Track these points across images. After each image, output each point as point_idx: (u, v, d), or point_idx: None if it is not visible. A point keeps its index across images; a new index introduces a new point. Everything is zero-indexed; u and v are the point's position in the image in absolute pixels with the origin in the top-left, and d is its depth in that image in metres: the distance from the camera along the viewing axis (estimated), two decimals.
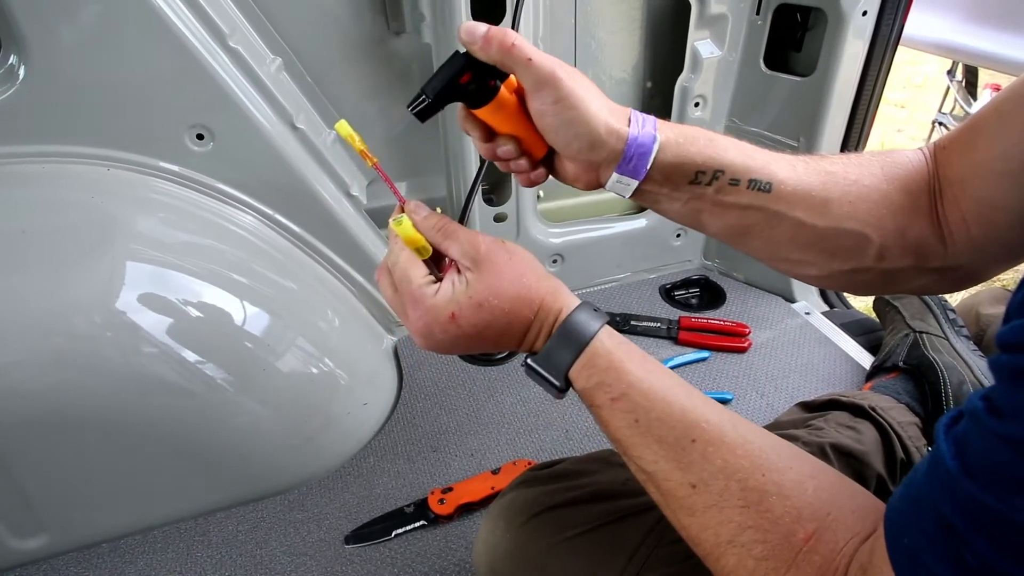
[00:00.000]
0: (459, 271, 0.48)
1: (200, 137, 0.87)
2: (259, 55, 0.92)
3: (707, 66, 1.13)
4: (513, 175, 0.55)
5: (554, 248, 1.24)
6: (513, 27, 0.58)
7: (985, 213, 0.47)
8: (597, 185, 0.53)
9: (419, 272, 0.49)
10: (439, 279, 0.49)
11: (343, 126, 0.50)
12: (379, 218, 1.15)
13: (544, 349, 0.47)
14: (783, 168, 0.50)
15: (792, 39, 1.13)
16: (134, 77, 0.81)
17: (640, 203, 0.54)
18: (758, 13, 1.10)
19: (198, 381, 0.81)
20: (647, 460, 0.44)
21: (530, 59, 0.45)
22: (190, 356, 0.80)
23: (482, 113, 0.50)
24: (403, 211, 0.51)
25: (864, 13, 1.01)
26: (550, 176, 0.55)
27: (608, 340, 0.46)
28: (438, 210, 0.52)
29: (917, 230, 0.50)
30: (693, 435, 0.42)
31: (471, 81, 0.47)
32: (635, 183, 0.49)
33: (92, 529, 0.86)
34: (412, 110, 0.49)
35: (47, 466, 0.78)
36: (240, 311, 0.85)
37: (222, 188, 0.92)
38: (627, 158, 0.48)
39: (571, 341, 0.46)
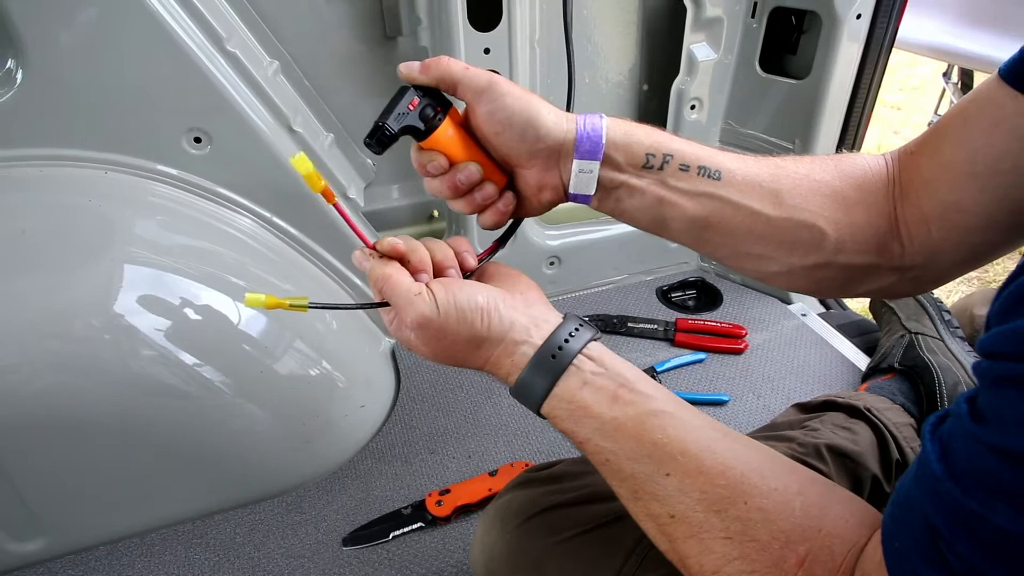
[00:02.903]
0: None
1: (198, 140, 0.88)
2: (256, 59, 0.92)
3: (703, 69, 1.14)
4: (478, 222, 0.55)
5: (551, 250, 1.24)
6: (564, 19, 0.61)
7: (949, 215, 0.47)
8: (563, 190, 0.53)
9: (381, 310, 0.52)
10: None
11: (302, 161, 0.47)
12: (376, 221, 1.15)
13: (515, 387, 0.48)
14: (731, 159, 0.52)
15: (787, 42, 1.13)
16: (132, 80, 0.82)
17: (606, 212, 0.54)
18: (753, 16, 1.11)
19: (196, 384, 0.81)
20: (623, 491, 0.44)
21: (467, 68, 0.50)
22: (188, 359, 0.80)
23: (433, 143, 0.51)
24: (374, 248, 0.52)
25: (858, 16, 1.02)
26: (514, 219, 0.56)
27: (572, 381, 0.46)
28: (435, 213, 0.53)
29: (873, 228, 0.50)
30: (667, 469, 0.42)
31: (418, 108, 0.50)
32: (596, 165, 0.50)
33: (90, 532, 0.86)
34: (368, 143, 0.50)
35: (45, 469, 0.78)
36: (237, 314, 0.85)
37: (220, 191, 0.92)
38: (581, 139, 0.50)
39: (538, 382, 0.47)
